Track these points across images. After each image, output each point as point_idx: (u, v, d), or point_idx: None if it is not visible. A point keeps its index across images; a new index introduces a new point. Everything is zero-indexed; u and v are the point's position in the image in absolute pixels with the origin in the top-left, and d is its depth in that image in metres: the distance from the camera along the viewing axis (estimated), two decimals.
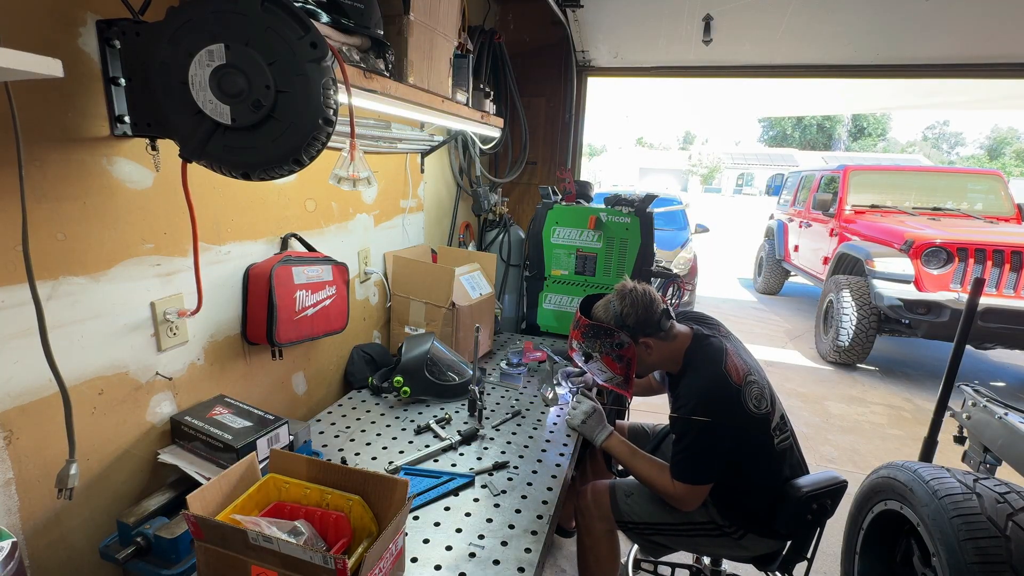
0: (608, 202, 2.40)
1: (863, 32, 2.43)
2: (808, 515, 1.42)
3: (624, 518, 1.54)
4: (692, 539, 1.53)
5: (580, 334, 1.55)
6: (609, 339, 1.49)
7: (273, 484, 0.98)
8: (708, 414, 1.36)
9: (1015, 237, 4.36)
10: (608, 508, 1.55)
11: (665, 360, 1.54)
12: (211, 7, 0.80)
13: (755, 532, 1.48)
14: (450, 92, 1.63)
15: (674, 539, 1.54)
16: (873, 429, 3.68)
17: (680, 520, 1.51)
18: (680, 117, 15.98)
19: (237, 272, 1.33)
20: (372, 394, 1.76)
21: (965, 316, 1.91)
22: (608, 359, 1.52)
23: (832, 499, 1.43)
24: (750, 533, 1.48)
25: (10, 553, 0.72)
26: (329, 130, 0.86)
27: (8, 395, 0.87)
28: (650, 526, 1.53)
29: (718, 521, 1.49)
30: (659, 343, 1.50)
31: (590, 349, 1.54)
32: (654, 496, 1.54)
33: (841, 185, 5.89)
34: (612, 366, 1.53)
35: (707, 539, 1.51)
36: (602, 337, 1.50)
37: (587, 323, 1.53)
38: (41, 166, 0.88)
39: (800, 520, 1.42)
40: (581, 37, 2.78)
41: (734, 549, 1.52)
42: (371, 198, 1.89)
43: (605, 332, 1.50)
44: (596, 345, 1.52)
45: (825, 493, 1.42)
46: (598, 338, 1.51)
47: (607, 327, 1.49)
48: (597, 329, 1.51)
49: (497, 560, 1.04)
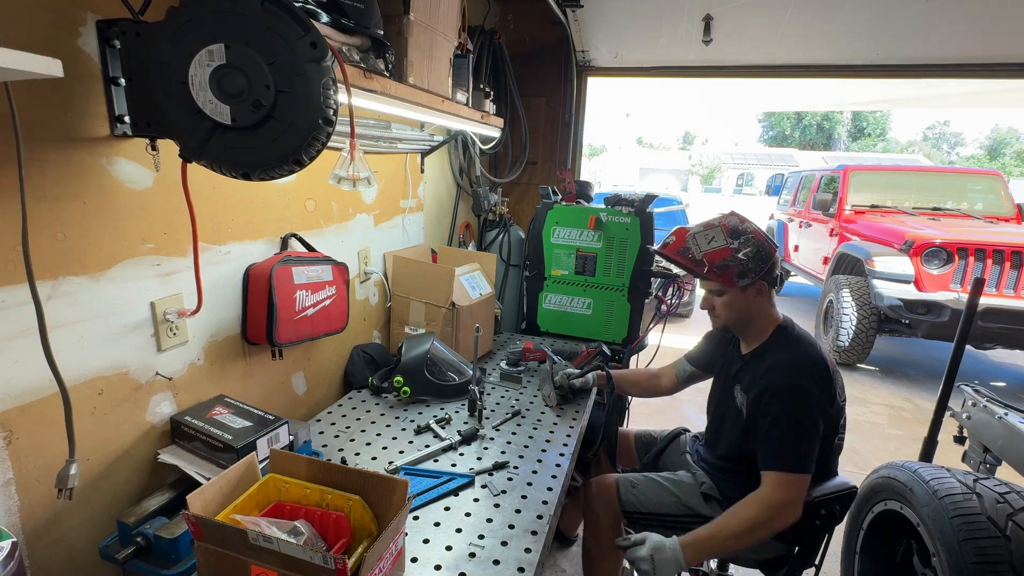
0: (608, 202, 2.40)
1: (863, 32, 2.43)
2: (816, 520, 1.39)
3: (629, 509, 1.55)
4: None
5: (687, 238, 1.42)
6: (723, 256, 1.38)
7: (273, 484, 0.98)
8: (807, 388, 1.26)
9: (1015, 237, 4.37)
10: (615, 500, 1.56)
11: (758, 319, 1.44)
12: (211, 7, 0.80)
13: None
14: (450, 92, 1.63)
15: (679, 531, 1.49)
16: (873, 429, 3.68)
17: (685, 512, 1.50)
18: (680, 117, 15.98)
19: (237, 272, 1.33)
20: (372, 394, 1.76)
21: (965, 316, 1.91)
22: (712, 263, 1.39)
23: (841, 505, 1.40)
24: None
25: (10, 553, 0.72)
26: (329, 130, 0.86)
27: (8, 395, 0.87)
28: (656, 517, 1.53)
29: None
30: (766, 297, 1.42)
31: (694, 249, 1.41)
32: (659, 487, 1.54)
33: (841, 185, 5.90)
34: (712, 270, 1.39)
35: None
36: (726, 246, 1.37)
37: (703, 228, 1.41)
38: (41, 166, 0.88)
39: (808, 525, 1.38)
40: (581, 37, 2.78)
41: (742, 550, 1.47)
42: (371, 198, 1.89)
43: (736, 246, 1.37)
44: (700, 250, 1.40)
45: (834, 499, 1.38)
46: (721, 242, 1.38)
47: (726, 248, 1.37)
48: (733, 236, 1.37)
49: (497, 560, 1.04)
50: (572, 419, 1.68)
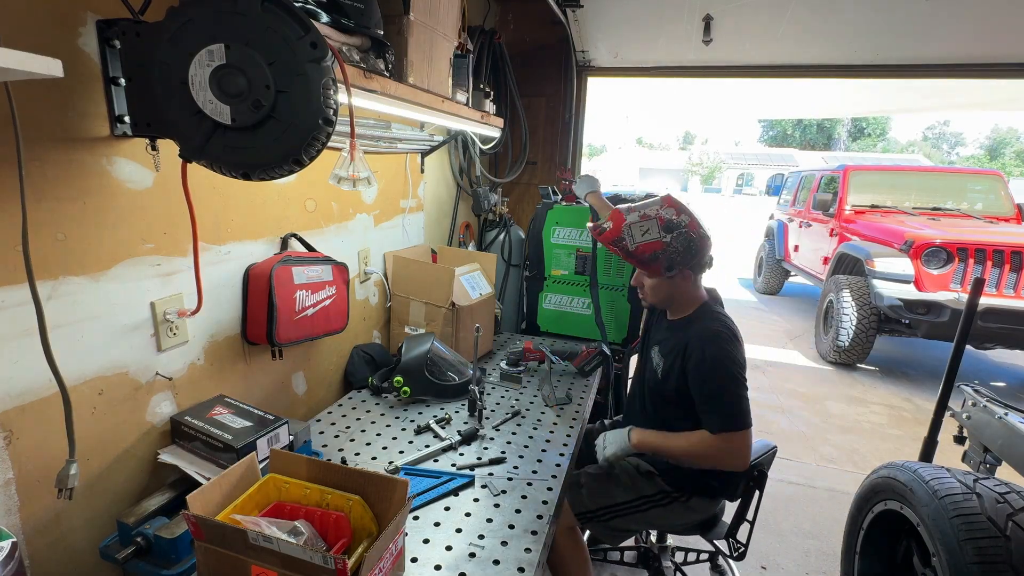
0: (608, 202, 2.40)
1: (863, 32, 2.43)
2: (750, 481, 1.57)
3: (580, 509, 1.57)
4: (645, 513, 1.57)
5: (623, 228, 1.49)
6: (654, 249, 1.46)
7: (273, 484, 0.98)
8: (736, 356, 1.40)
9: (1015, 237, 4.36)
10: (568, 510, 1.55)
11: (682, 298, 1.55)
12: (211, 7, 0.80)
13: (700, 495, 1.56)
14: (450, 92, 1.63)
15: (631, 517, 1.58)
16: (873, 429, 3.68)
17: (632, 496, 1.56)
18: (680, 117, 15.97)
19: (237, 272, 1.33)
20: (372, 394, 1.76)
21: (965, 316, 1.91)
22: (643, 255, 1.48)
23: (767, 465, 1.61)
24: (695, 496, 1.55)
25: (10, 553, 0.72)
26: (329, 130, 0.86)
27: (8, 395, 0.87)
28: (607, 509, 1.57)
29: (666, 489, 1.56)
30: (689, 281, 1.52)
31: (628, 240, 1.49)
32: (604, 483, 1.58)
33: (841, 185, 5.89)
34: (642, 262, 1.50)
35: (659, 509, 1.57)
36: (646, 241, 1.46)
37: (639, 219, 1.48)
38: (41, 166, 0.88)
39: (742, 483, 1.58)
40: (581, 37, 2.78)
41: (684, 515, 1.58)
42: (371, 198, 1.89)
43: (655, 238, 1.45)
44: (634, 242, 1.48)
45: (762, 459, 1.59)
46: (640, 237, 1.47)
47: (658, 242, 1.45)
48: (667, 231, 1.45)
49: (497, 560, 1.04)
50: (572, 419, 1.68)
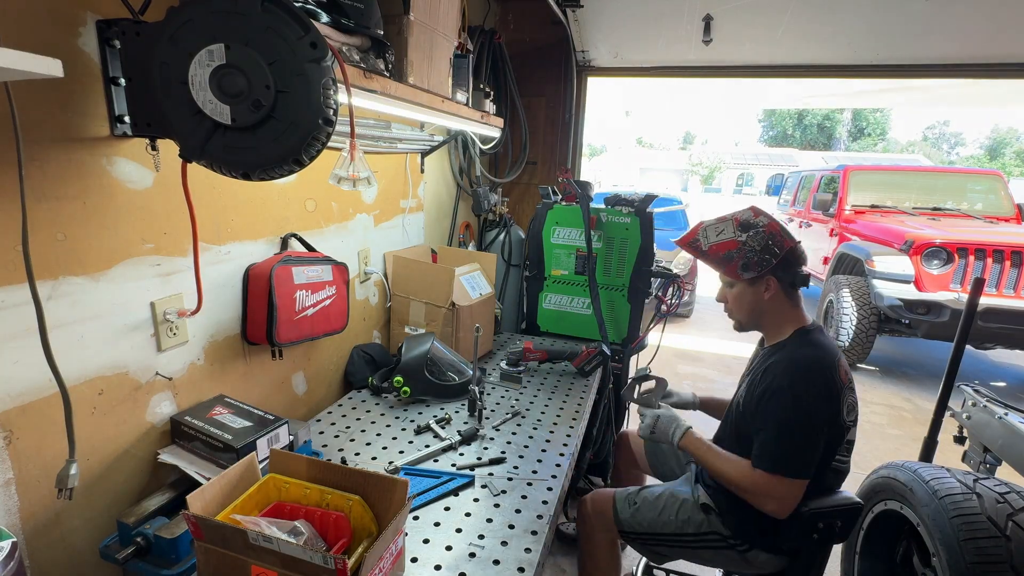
0: (608, 202, 2.40)
1: (863, 32, 2.43)
2: (814, 534, 1.31)
3: (626, 528, 1.51)
4: (695, 551, 1.47)
5: (699, 229, 1.45)
6: (728, 248, 1.39)
7: (273, 484, 0.98)
8: (806, 394, 1.24)
9: (1015, 237, 4.36)
10: (611, 519, 1.52)
11: (771, 317, 1.42)
12: (211, 7, 0.80)
13: (761, 547, 1.39)
14: (450, 92, 1.63)
15: (677, 550, 1.49)
16: (873, 429, 3.68)
17: (682, 531, 1.45)
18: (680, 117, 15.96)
19: (237, 272, 1.33)
20: (372, 394, 1.76)
21: (965, 316, 1.91)
22: (717, 254, 1.41)
23: (843, 521, 1.32)
24: (755, 548, 1.39)
25: (10, 553, 0.72)
26: (329, 130, 0.86)
27: (8, 395, 0.87)
28: (653, 536, 1.48)
29: (722, 532, 1.41)
30: (779, 295, 1.40)
31: (702, 240, 1.43)
32: (657, 506, 1.49)
33: (841, 185, 5.90)
34: (716, 261, 1.42)
35: (711, 551, 1.45)
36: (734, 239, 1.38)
37: (716, 222, 1.43)
38: (41, 166, 0.88)
39: (805, 538, 1.32)
40: (581, 37, 2.78)
41: (740, 565, 1.44)
42: (371, 198, 1.89)
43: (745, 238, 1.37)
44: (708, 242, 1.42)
45: (835, 513, 1.30)
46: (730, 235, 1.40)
47: (732, 240, 1.38)
48: (743, 229, 1.38)
49: (497, 560, 1.04)
50: (572, 419, 1.68)
